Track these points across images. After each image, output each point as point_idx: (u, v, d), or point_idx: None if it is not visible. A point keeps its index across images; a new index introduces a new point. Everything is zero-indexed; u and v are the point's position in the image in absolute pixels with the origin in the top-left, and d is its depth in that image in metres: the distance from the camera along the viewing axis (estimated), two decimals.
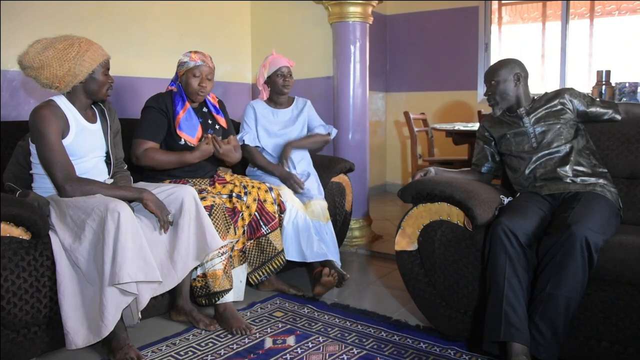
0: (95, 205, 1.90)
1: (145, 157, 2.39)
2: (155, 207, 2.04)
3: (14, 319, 1.84)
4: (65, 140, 2.04)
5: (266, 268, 2.56)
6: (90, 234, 1.89)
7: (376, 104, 5.57)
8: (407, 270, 2.24)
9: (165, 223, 2.06)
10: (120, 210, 1.86)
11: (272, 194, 2.58)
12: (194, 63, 2.45)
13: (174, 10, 3.48)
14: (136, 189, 2.08)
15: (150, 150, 2.40)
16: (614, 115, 2.31)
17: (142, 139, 2.42)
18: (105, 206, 1.87)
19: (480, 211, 2.02)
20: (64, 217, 1.96)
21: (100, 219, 1.87)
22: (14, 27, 2.67)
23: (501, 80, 2.26)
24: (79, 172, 2.06)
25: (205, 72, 2.47)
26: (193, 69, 2.45)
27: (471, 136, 3.69)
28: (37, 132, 1.99)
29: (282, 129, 2.95)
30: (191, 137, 2.48)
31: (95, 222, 1.88)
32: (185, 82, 2.48)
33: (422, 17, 5.53)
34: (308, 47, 3.67)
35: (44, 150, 1.99)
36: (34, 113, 2.01)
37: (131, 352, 1.95)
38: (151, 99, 2.51)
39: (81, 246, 1.90)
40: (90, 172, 2.13)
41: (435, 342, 2.13)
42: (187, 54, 2.50)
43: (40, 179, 2.11)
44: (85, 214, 1.90)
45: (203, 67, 2.46)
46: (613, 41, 4.96)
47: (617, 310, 1.78)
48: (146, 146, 2.41)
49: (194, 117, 2.52)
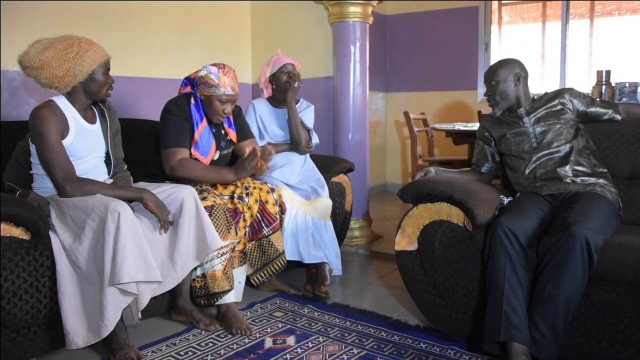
0: (95, 205, 1.90)
1: (182, 168, 2.29)
2: (156, 206, 2.04)
3: (14, 319, 1.84)
4: (65, 140, 2.04)
5: (268, 269, 2.56)
6: (90, 234, 1.89)
7: (376, 104, 5.57)
8: (407, 270, 2.24)
9: (166, 223, 2.06)
10: (121, 210, 1.86)
11: (273, 195, 2.57)
12: (224, 91, 2.31)
13: (174, 10, 3.48)
14: (136, 189, 2.08)
15: (186, 161, 2.30)
16: (614, 115, 2.31)
17: (174, 147, 2.31)
18: (105, 206, 1.87)
19: (480, 211, 2.02)
20: (64, 217, 1.96)
21: (100, 219, 1.87)
22: (14, 27, 2.67)
23: (501, 81, 2.26)
24: (78, 172, 2.06)
25: (232, 99, 2.36)
26: (221, 96, 2.32)
27: (471, 136, 3.69)
28: (37, 132, 1.99)
29: (281, 128, 2.94)
30: (204, 157, 2.40)
31: (95, 222, 1.88)
32: (209, 102, 2.35)
33: (422, 17, 5.53)
34: (308, 47, 3.67)
35: (44, 151, 1.98)
36: (34, 113, 2.01)
37: (131, 352, 1.95)
38: (171, 104, 2.39)
39: (81, 246, 1.90)
40: (90, 173, 2.12)
41: (435, 342, 2.13)
42: (216, 73, 2.31)
43: (40, 179, 2.11)
44: (85, 214, 1.90)
45: (233, 96, 2.35)
46: (613, 41, 4.96)
47: (617, 310, 1.78)
48: (180, 155, 2.31)
49: (210, 136, 2.43)
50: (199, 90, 2.38)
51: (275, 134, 2.94)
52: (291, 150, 2.92)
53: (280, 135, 2.94)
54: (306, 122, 2.93)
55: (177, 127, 2.34)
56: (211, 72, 2.32)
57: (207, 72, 2.32)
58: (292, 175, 2.86)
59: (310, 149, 2.95)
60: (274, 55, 2.93)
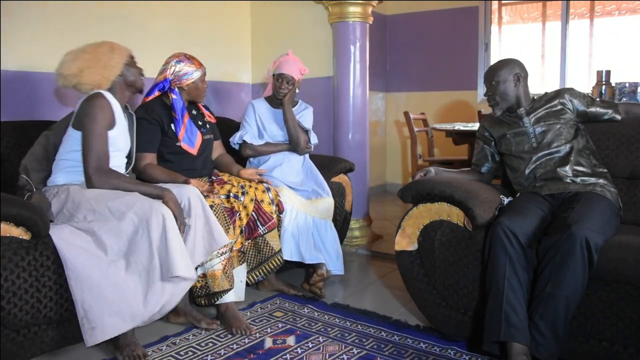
0: (137, 201, 1.97)
1: (146, 173, 2.43)
2: (175, 207, 2.07)
3: (14, 319, 1.84)
4: (112, 132, 2.14)
5: (263, 268, 2.57)
6: (130, 227, 1.95)
7: (376, 104, 5.57)
8: (407, 270, 2.24)
9: (182, 224, 2.08)
10: (164, 211, 1.96)
11: (269, 194, 2.58)
12: (202, 71, 2.53)
13: (174, 10, 3.48)
14: (159, 188, 2.13)
15: (149, 167, 2.44)
16: (614, 115, 2.30)
17: (141, 152, 2.44)
18: (149, 204, 1.96)
19: (480, 211, 2.02)
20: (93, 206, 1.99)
21: (143, 215, 1.94)
22: (14, 27, 2.66)
23: (501, 81, 2.26)
24: (113, 164, 2.14)
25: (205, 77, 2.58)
26: (202, 76, 2.55)
27: (471, 136, 3.69)
28: (90, 117, 2.07)
29: (280, 128, 2.94)
30: (191, 147, 2.53)
31: (137, 217, 1.95)
32: (194, 87, 2.53)
33: (422, 17, 5.53)
34: (308, 47, 3.67)
35: (90, 135, 2.06)
36: (90, 99, 2.10)
37: (137, 350, 1.98)
38: (140, 110, 2.49)
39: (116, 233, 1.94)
40: (120, 167, 2.23)
41: (435, 342, 2.13)
42: (186, 61, 2.51)
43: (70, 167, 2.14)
44: (126, 207, 1.96)
45: (204, 75, 2.57)
46: (613, 41, 4.95)
47: (617, 310, 1.78)
48: (147, 160, 2.45)
49: (194, 127, 2.56)
50: (180, 84, 2.50)
51: (274, 134, 2.94)
52: (290, 150, 2.93)
53: (279, 135, 2.94)
54: (305, 124, 2.93)
55: (145, 131, 2.45)
56: (182, 62, 2.50)
57: (180, 65, 2.49)
58: (291, 173, 2.86)
59: (309, 149, 2.96)
60: (285, 54, 2.90)
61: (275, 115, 2.96)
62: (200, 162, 2.59)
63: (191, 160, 2.55)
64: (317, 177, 2.94)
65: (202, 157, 2.60)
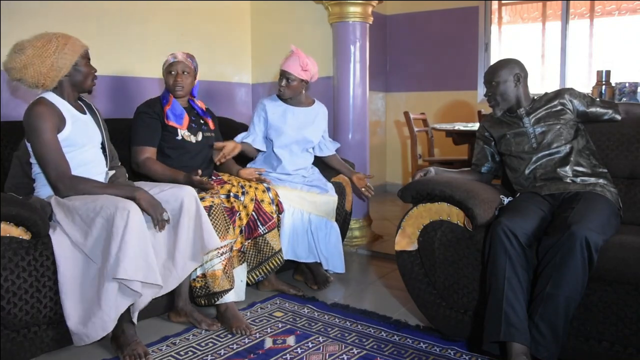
0: (104, 204, 1.91)
1: (145, 166, 2.44)
2: (149, 205, 2.02)
3: (14, 319, 1.84)
4: (63, 132, 2.05)
5: (263, 268, 2.57)
6: (99, 230, 1.90)
7: (376, 104, 5.57)
8: (407, 270, 2.24)
9: (160, 222, 2.04)
10: (130, 209, 1.89)
11: (269, 194, 2.58)
12: (169, 60, 2.54)
13: (174, 10, 3.48)
14: (129, 188, 2.08)
15: (149, 160, 2.45)
16: (614, 115, 2.30)
17: (141, 146, 2.46)
18: (115, 205, 1.89)
19: (480, 211, 2.02)
20: (72, 216, 1.95)
21: (109, 216, 1.88)
22: (14, 27, 2.66)
23: (501, 81, 2.26)
24: (81, 162, 2.08)
25: (179, 68, 2.51)
26: (168, 67, 2.53)
27: (471, 136, 3.69)
28: (32, 129, 1.99)
29: (296, 128, 2.83)
30: (179, 124, 2.53)
31: (104, 219, 1.89)
32: (165, 81, 2.56)
33: (422, 17, 5.53)
34: (308, 47, 3.65)
35: (39, 147, 1.99)
36: (28, 112, 2.02)
37: (139, 348, 1.97)
38: (142, 105, 2.57)
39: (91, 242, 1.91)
40: (92, 163, 2.15)
41: (435, 342, 2.13)
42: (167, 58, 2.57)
43: (43, 179, 2.10)
44: (94, 212, 1.91)
45: (177, 64, 2.51)
46: (613, 41, 4.95)
47: (617, 310, 1.78)
48: (146, 154, 2.46)
49: (178, 106, 2.57)
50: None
51: (289, 134, 2.81)
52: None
53: (292, 137, 2.82)
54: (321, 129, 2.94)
55: (146, 126, 2.49)
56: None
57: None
58: (290, 165, 2.83)
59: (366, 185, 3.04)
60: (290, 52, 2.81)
61: (290, 113, 2.84)
62: (200, 159, 2.58)
63: (191, 156, 2.55)
64: (319, 176, 2.93)
65: (202, 154, 2.60)
